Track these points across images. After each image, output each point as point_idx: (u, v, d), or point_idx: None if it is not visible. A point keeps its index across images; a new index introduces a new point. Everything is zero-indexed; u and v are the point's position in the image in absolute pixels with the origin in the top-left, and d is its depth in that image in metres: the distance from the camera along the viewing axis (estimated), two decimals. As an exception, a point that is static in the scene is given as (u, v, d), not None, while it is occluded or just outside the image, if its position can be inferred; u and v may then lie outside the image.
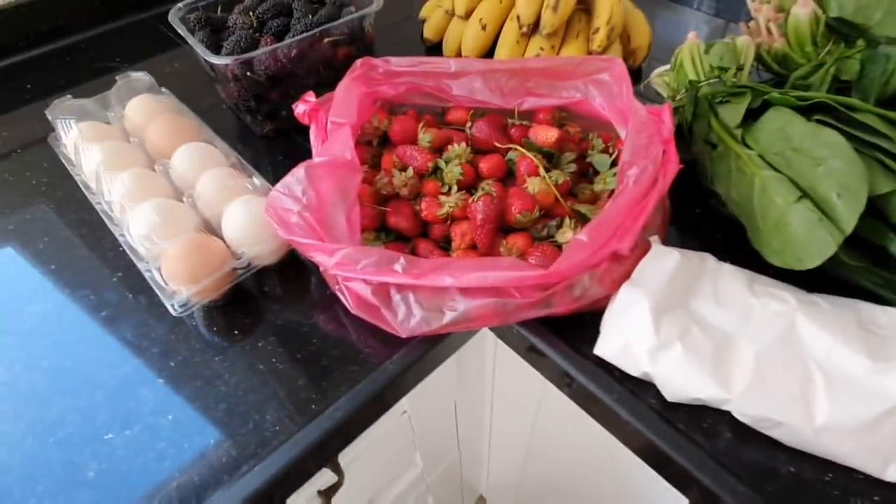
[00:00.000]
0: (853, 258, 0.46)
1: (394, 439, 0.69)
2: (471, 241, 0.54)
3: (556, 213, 0.56)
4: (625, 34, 0.78)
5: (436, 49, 0.87)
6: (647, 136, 0.52)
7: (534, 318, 0.49)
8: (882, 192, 0.45)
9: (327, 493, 0.57)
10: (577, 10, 0.75)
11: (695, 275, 0.49)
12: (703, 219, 0.60)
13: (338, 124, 0.56)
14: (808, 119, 0.50)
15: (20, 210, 0.66)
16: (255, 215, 0.54)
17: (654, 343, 0.45)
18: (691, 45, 0.65)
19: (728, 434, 0.44)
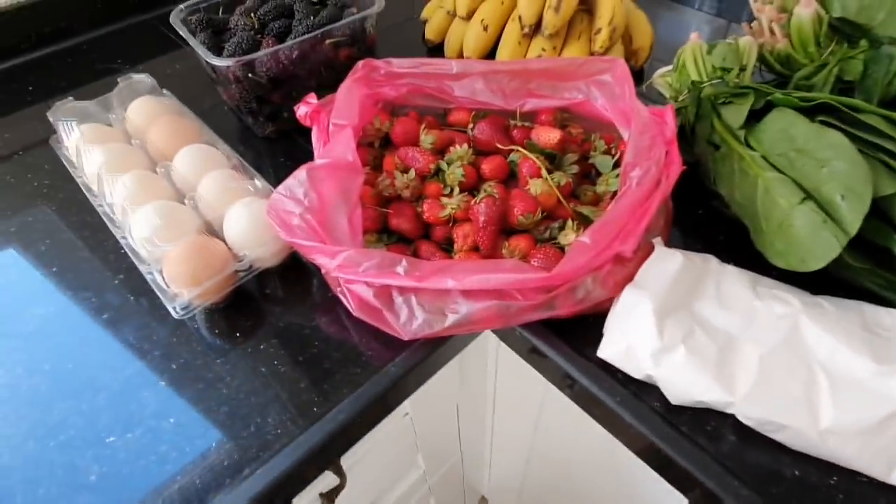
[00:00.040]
0: (857, 260, 0.46)
1: (396, 441, 0.69)
2: (473, 243, 0.54)
3: (558, 214, 0.55)
4: (627, 35, 0.78)
5: (437, 50, 0.87)
6: (649, 137, 0.51)
7: (536, 321, 0.49)
8: (886, 194, 0.45)
9: (329, 496, 0.56)
10: (578, 10, 0.75)
11: (698, 277, 0.49)
12: (706, 220, 0.60)
13: (339, 126, 0.56)
14: (812, 120, 0.49)
15: (22, 212, 0.66)
16: (256, 217, 0.54)
17: (657, 345, 0.45)
18: (694, 46, 0.64)
19: (732, 437, 0.44)
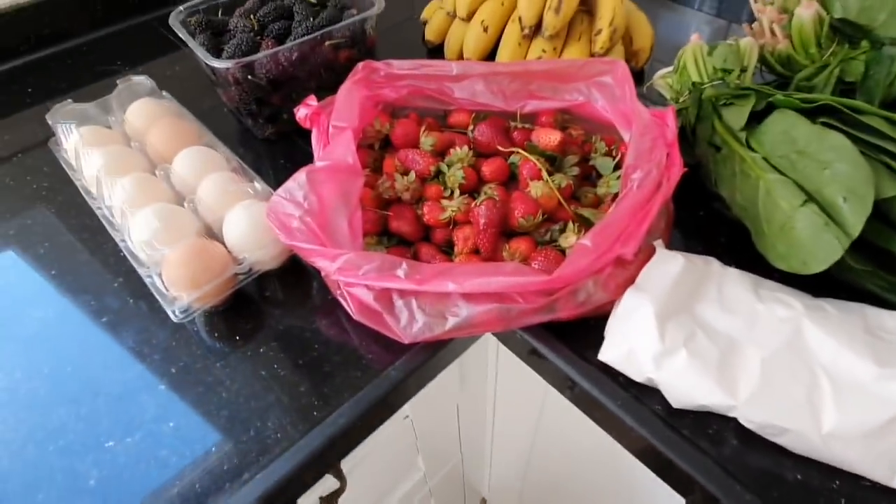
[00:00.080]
0: (859, 262, 0.46)
1: (396, 443, 0.69)
2: (473, 246, 0.54)
3: (559, 217, 0.55)
4: (627, 35, 0.78)
5: (437, 51, 0.86)
6: (650, 139, 0.51)
7: (537, 324, 0.49)
8: (888, 196, 0.44)
9: (330, 499, 0.56)
10: (579, 11, 0.75)
11: (699, 279, 0.49)
12: (707, 222, 0.60)
13: (339, 128, 0.56)
14: (813, 122, 0.49)
15: (21, 214, 0.66)
16: (256, 220, 0.54)
17: (658, 349, 0.44)
18: (694, 47, 0.64)
19: (734, 441, 0.44)
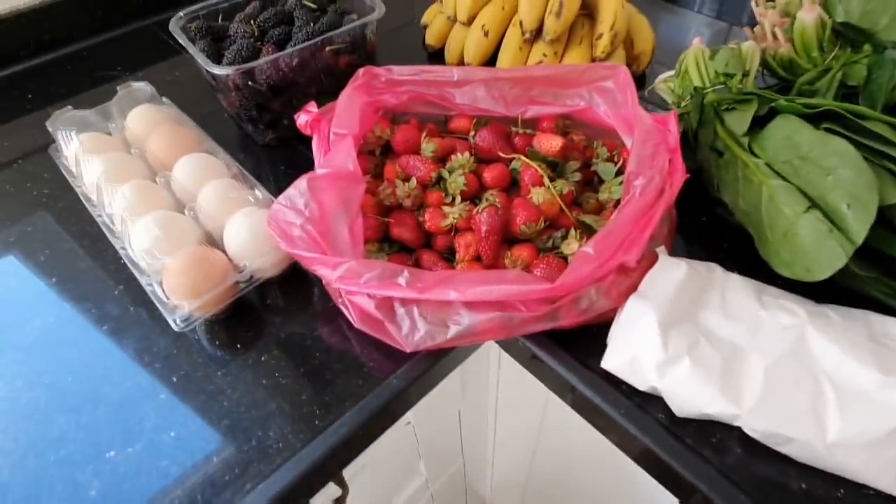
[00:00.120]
0: (863, 268, 0.46)
1: (398, 449, 0.69)
2: (475, 253, 0.53)
3: (561, 223, 0.55)
4: (628, 39, 0.78)
5: (438, 55, 0.86)
6: (652, 145, 0.51)
7: (539, 331, 0.48)
8: (892, 202, 0.44)
9: (332, 507, 0.56)
10: (580, 15, 0.75)
11: (702, 286, 0.49)
12: (710, 228, 0.60)
13: (340, 135, 0.56)
14: (816, 127, 0.49)
15: (21, 221, 0.66)
16: (257, 228, 0.54)
17: (661, 357, 0.44)
18: (696, 51, 0.64)
19: (738, 449, 0.43)
